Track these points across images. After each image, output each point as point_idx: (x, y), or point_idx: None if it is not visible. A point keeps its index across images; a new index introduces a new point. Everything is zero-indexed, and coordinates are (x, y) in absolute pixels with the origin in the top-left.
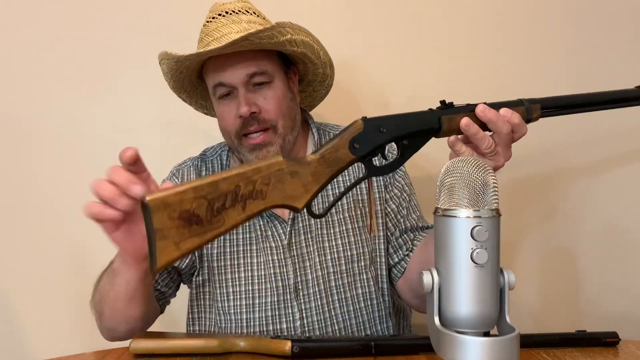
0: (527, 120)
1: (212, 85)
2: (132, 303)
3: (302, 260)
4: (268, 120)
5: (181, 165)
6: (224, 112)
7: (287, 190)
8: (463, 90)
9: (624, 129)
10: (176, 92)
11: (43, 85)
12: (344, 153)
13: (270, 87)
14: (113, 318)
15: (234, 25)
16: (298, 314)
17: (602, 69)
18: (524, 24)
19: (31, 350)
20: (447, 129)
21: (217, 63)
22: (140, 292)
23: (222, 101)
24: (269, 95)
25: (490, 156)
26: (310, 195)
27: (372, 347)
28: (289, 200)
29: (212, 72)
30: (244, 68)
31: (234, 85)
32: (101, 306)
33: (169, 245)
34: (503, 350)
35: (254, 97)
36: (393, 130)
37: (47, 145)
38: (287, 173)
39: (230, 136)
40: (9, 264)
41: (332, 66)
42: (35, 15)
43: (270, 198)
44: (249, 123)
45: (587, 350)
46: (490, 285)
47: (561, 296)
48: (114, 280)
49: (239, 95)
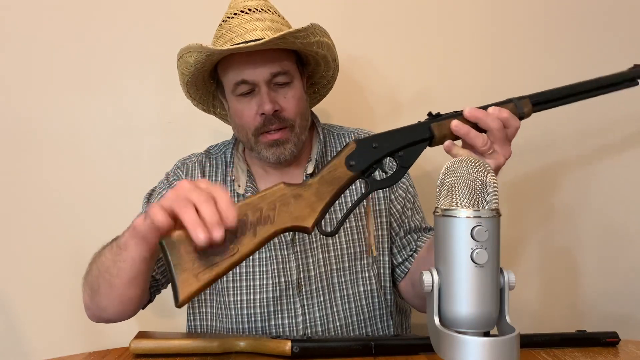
0: (519, 115)
1: (234, 82)
2: (132, 283)
3: (306, 256)
4: (288, 119)
5: (186, 159)
6: (244, 109)
7: (294, 212)
8: (471, 87)
9: (624, 129)
10: (184, 89)
11: (43, 85)
12: (342, 171)
13: (290, 87)
14: (108, 295)
15: (259, 22)
16: (300, 309)
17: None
18: (533, 21)
19: (31, 350)
20: (439, 135)
21: (242, 60)
22: (142, 273)
23: (243, 98)
24: (289, 95)
25: (488, 154)
26: (317, 214)
27: (372, 347)
28: (298, 221)
29: (235, 69)
30: (268, 67)
31: (257, 83)
32: (98, 282)
33: (189, 278)
34: (503, 350)
35: (275, 95)
36: (385, 145)
37: (47, 145)
38: (291, 196)
39: (247, 133)
40: (8, 264)
41: (337, 69)
42: (36, 16)
43: (279, 221)
44: (270, 121)
45: (587, 350)
46: (490, 285)
47: (561, 296)
48: (118, 256)
49: (261, 93)
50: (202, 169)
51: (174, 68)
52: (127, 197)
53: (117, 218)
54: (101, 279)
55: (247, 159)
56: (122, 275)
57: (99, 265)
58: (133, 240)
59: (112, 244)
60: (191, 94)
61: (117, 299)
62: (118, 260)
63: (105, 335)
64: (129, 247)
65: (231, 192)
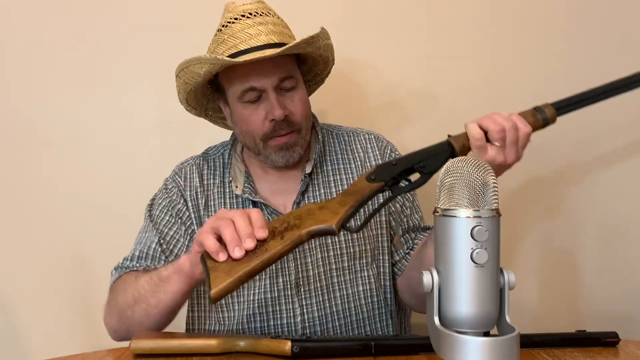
0: (544, 120)
1: (242, 90)
2: (169, 313)
3: (304, 256)
4: (296, 123)
5: (184, 164)
6: (252, 115)
7: (319, 218)
8: (471, 88)
9: (624, 130)
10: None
11: (43, 85)
12: (363, 185)
13: (297, 91)
14: (142, 323)
15: (262, 27)
16: (299, 309)
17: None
18: (533, 22)
19: (31, 350)
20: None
21: (248, 67)
22: (179, 305)
23: (249, 105)
24: (296, 98)
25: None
26: (340, 215)
27: (372, 347)
28: (322, 223)
29: (242, 77)
30: (276, 73)
31: (265, 89)
32: (133, 310)
33: (220, 275)
34: (503, 350)
35: (283, 100)
36: (404, 162)
37: (47, 145)
38: (316, 208)
39: (255, 138)
40: (8, 264)
41: (329, 69)
42: (37, 16)
43: (304, 226)
44: (280, 126)
45: (587, 350)
46: (490, 285)
47: (561, 296)
48: (159, 287)
49: (269, 99)
50: (199, 172)
51: (174, 68)
52: (127, 197)
53: (117, 218)
54: (137, 307)
55: (245, 159)
56: (160, 306)
57: (134, 294)
58: (176, 276)
59: (151, 274)
60: (189, 102)
61: (151, 326)
62: (158, 292)
63: (105, 335)
64: (172, 280)
65: (228, 193)
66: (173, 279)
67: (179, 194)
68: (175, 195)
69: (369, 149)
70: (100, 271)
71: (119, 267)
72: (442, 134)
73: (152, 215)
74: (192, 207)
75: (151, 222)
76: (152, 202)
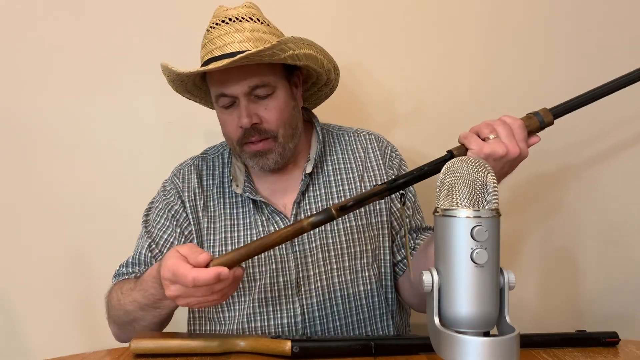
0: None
1: (215, 95)
2: (167, 320)
3: (305, 256)
4: (269, 131)
5: (182, 165)
6: (227, 120)
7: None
8: (467, 91)
9: (624, 129)
10: (179, 93)
11: (43, 86)
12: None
13: (272, 98)
14: (143, 329)
15: (237, 34)
16: (299, 309)
17: (602, 69)
18: (531, 26)
19: (31, 350)
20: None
21: (220, 74)
22: (173, 311)
23: (225, 110)
24: (270, 106)
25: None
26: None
27: (372, 347)
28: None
29: (215, 83)
30: (246, 80)
31: (236, 96)
32: (131, 321)
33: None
34: (503, 350)
35: (255, 107)
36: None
37: (47, 145)
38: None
39: (232, 142)
40: (8, 264)
41: (337, 70)
42: (37, 17)
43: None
44: (250, 133)
45: (587, 350)
46: (490, 285)
47: (561, 296)
48: (155, 303)
49: (240, 107)
50: (198, 173)
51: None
52: (127, 197)
53: (117, 218)
54: (135, 320)
55: (246, 165)
56: (157, 316)
57: (129, 308)
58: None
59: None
60: (189, 98)
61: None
62: (157, 307)
63: (105, 335)
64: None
65: (228, 193)
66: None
67: (177, 195)
68: (172, 197)
69: (369, 149)
70: (101, 271)
71: (116, 274)
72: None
73: (148, 220)
74: (190, 209)
75: (145, 227)
76: (150, 207)
